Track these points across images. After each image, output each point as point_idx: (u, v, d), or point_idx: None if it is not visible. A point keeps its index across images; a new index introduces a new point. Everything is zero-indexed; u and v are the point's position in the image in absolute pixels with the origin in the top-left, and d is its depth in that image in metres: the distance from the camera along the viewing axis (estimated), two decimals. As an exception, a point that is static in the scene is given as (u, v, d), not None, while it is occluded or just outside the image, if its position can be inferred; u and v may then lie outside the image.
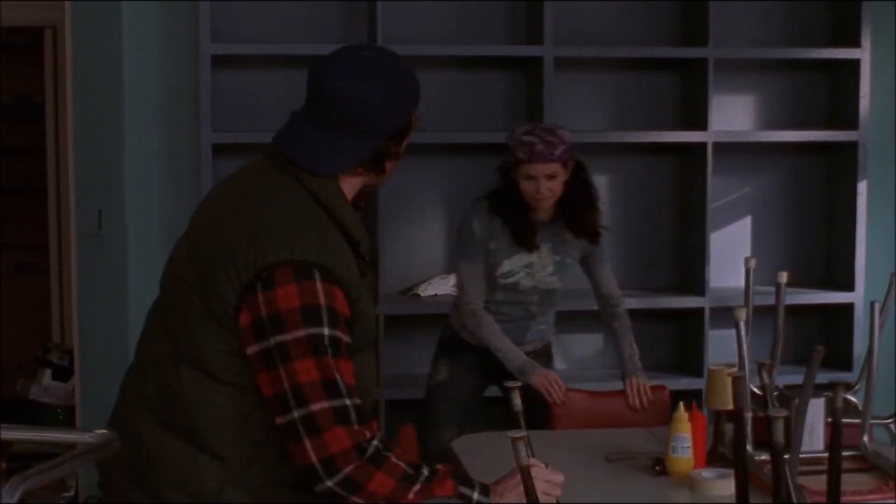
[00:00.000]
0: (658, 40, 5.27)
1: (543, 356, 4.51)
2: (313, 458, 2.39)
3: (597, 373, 5.28)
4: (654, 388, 4.51)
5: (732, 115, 5.35)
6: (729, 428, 3.61)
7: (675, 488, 3.50)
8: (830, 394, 3.87)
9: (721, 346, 5.12)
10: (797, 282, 5.45)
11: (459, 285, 4.37)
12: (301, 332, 2.40)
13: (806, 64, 5.32)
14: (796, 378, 4.84)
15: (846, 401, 3.95)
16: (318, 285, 2.42)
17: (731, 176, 5.38)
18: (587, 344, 5.39)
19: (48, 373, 6.42)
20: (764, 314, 5.20)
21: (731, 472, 3.45)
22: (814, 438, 3.70)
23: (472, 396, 4.50)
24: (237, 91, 5.09)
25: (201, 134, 4.86)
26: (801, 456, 3.56)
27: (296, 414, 2.39)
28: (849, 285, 5.31)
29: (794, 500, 3.15)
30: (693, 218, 5.24)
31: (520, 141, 4.13)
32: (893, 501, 3.34)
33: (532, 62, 5.08)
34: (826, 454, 3.65)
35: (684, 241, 5.34)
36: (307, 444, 2.39)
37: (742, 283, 4.11)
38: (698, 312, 5.18)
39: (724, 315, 4.99)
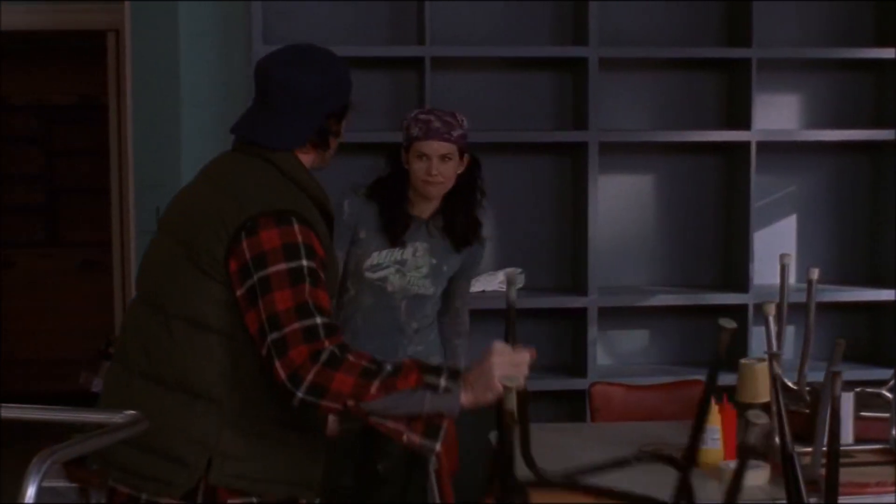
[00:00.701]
0: (702, 40, 5.33)
1: None
2: (283, 375, 2.55)
3: (640, 367, 5.34)
4: (690, 383, 4.60)
5: (777, 115, 5.40)
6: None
7: (704, 479, 3.58)
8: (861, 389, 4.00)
9: (764, 342, 5.18)
10: (842, 279, 5.52)
11: None
12: (282, 266, 2.64)
13: (850, 63, 5.35)
14: (846, 375, 4.96)
15: (880, 396, 4.01)
16: (296, 227, 2.68)
17: (776, 175, 5.42)
18: (631, 339, 5.45)
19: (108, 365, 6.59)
20: (803, 311, 5.27)
21: (760, 463, 3.55)
22: (845, 430, 3.77)
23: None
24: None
25: (254, 132, 4.99)
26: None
27: (270, 339, 2.57)
28: (893, 282, 5.34)
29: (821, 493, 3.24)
30: (737, 216, 5.30)
31: (416, 118, 4.02)
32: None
33: (577, 63, 5.17)
34: (855, 447, 3.75)
35: (728, 238, 5.39)
36: (277, 364, 2.56)
37: (789, 280, 4.17)
38: (742, 309, 5.23)
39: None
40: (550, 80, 5.33)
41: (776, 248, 5.40)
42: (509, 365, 2.62)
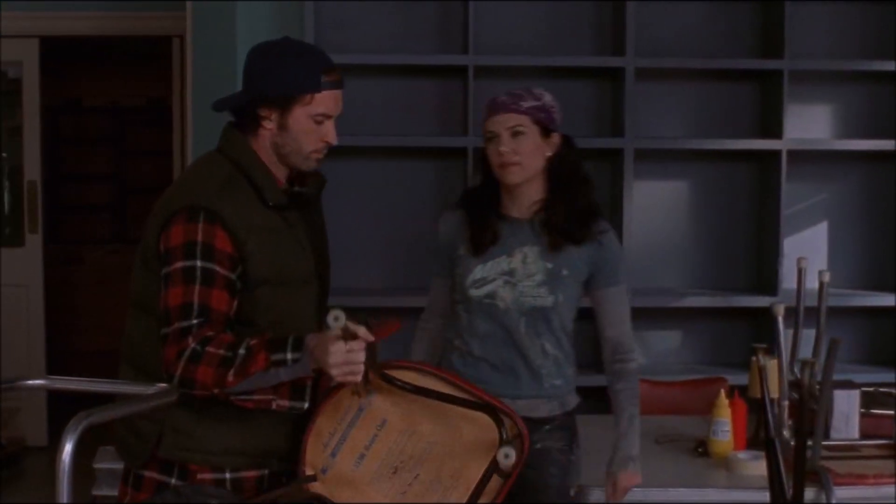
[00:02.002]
0: (736, 52, 5.49)
1: (561, 431, 3.45)
2: (163, 369, 2.74)
3: (674, 366, 5.50)
4: (713, 380, 4.76)
5: (808, 124, 5.54)
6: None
7: (714, 468, 3.79)
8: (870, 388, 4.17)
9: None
10: (873, 285, 5.66)
11: None
12: (179, 264, 2.76)
13: (881, 75, 5.49)
14: (872, 377, 5.13)
15: (890, 395, 4.18)
16: (199, 226, 2.76)
17: (808, 182, 5.57)
18: (664, 339, 5.63)
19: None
20: (835, 315, 5.43)
21: (762, 455, 3.73)
22: (849, 427, 3.94)
23: None
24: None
25: (305, 136, 5.25)
26: (834, 442, 3.85)
27: (161, 332, 2.76)
28: (923, 289, 5.48)
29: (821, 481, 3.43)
30: (768, 222, 5.46)
31: (486, 103, 3.46)
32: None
33: (615, 72, 5.37)
34: (861, 442, 3.93)
35: (759, 243, 5.55)
36: (163, 353, 2.75)
37: (815, 285, 4.28)
38: (763, 313, 5.40)
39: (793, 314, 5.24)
40: (590, 88, 5.53)
41: (807, 254, 5.56)
42: (343, 359, 2.67)
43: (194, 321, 2.72)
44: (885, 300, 5.49)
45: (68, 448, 1.98)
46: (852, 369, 5.41)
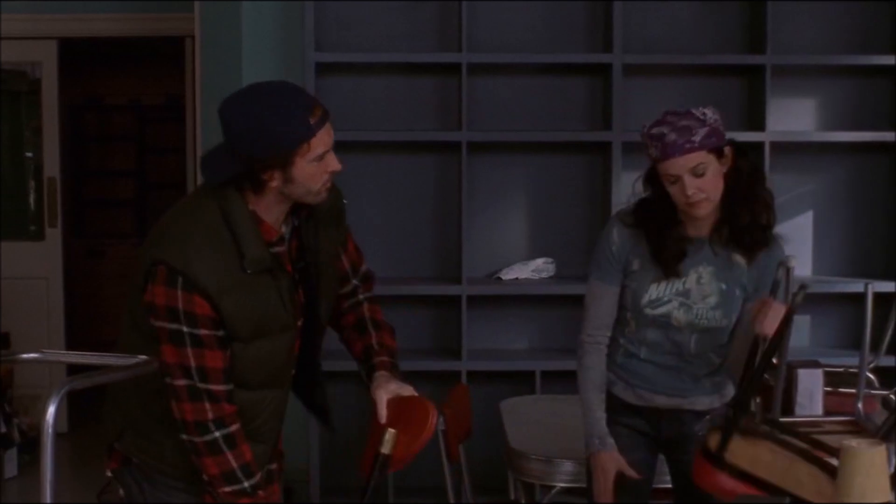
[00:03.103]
0: (723, 48, 5.69)
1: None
2: (177, 416, 2.94)
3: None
4: None
5: (793, 117, 5.73)
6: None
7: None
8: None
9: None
10: (858, 272, 5.84)
11: (584, 310, 3.58)
12: (165, 325, 2.90)
13: (863, 69, 5.67)
14: (856, 360, 5.30)
15: (854, 374, 4.35)
16: (179, 293, 2.86)
17: (793, 174, 5.76)
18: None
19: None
20: (820, 301, 5.64)
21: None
22: (813, 404, 4.13)
23: (645, 472, 3.56)
24: (340, 95, 5.67)
25: (306, 133, 5.48)
26: (799, 419, 4.02)
27: (167, 381, 2.93)
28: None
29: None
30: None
31: (649, 136, 3.32)
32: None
33: (604, 68, 5.58)
34: (824, 419, 4.11)
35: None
36: (174, 405, 2.94)
37: (799, 272, 4.49)
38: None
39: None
40: (581, 84, 5.73)
41: (795, 242, 5.78)
42: None
43: (199, 385, 2.90)
44: (869, 287, 5.66)
45: (51, 411, 2.20)
46: (837, 353, 5.62)
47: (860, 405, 4.05)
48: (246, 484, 2.96)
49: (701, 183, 3.24)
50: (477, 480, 5.37)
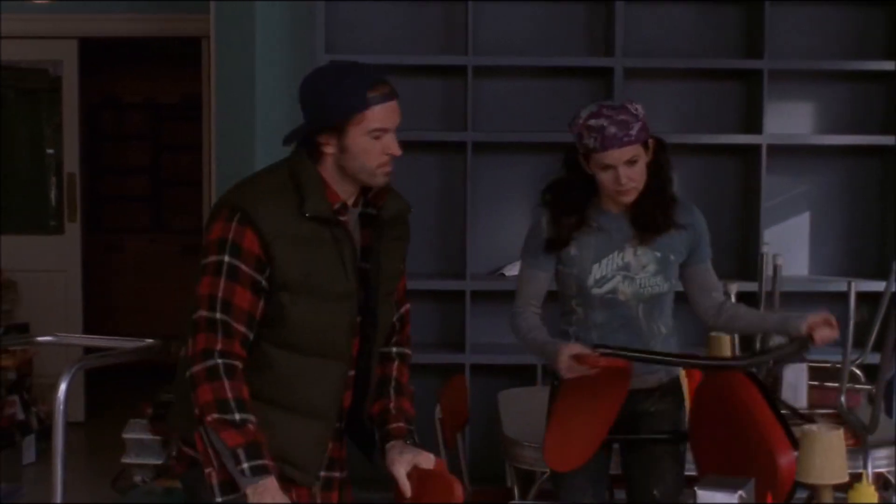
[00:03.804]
0: (721, 52, 5.86)
1: (671, 395, 3.76)
2: (189, 352, 2.89)
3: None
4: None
5: (790, 120, 5.89)
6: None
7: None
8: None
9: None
10: (853, 272, 5.98)
11: (516, 292, 3.76)
12: (212, 258, 2.92)
13: (859, 74, 5.83)
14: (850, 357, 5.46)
15: (837, 369, 4.51)
16: (233, 225, 2.91)
17: (790, 176, 5.92)
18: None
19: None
20: (817, 299, 5.79)
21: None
22: (797, 397, 4.30)
23: (602, 460, 3.71)
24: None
25: (316, 131, 5.66)
26: (784, 412, 4.19)
27: (192, 317, 2.91)
28: (898, 275, 5.80)
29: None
30: (751, 213, 5.82)
31: (587, 126, 3.51)
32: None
33: (605, 72, 5.75)
34: (808, 411, 4.28)
35: (743, 233, 5.90)
36: (189, 342, 2.90)
37: (796, 272, 4.94)
38: (753, 296, 5.73)
39: (780, 298, 5.60)
40: (583, 87, 5.90)
41: (791, 242, 5.96)
42: None
43: (218, 315, 2.86)
44: (864, 286, 5.81)
45: (63, 388, 2.38)
46: (832, 350, 5.72)
47: (843, 399, 4.24)
48: (237, 416, 2.83)
49: (632, 172, 3.48)
50: (477, 469, 5.57)
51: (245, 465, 2.80)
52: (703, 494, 2.59)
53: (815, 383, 4.51)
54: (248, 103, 5.97)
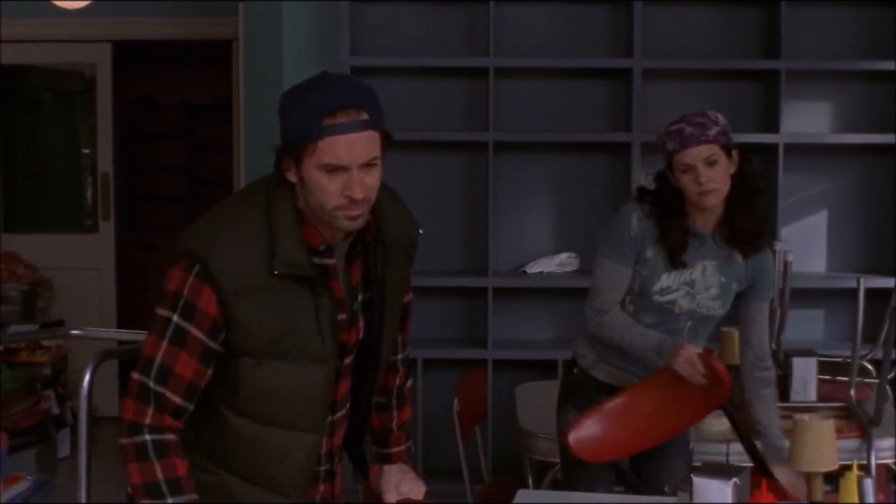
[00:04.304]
0: (738, 53, 5.96)
1: None
2: (120, 414, 2.57)
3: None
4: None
5: (807, 120, 5.99)
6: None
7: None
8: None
9: (790, 322, 5.80)
10: (870, 269, 6.07)
11: (594, 287, 3.69)
12: (163, 311, 2.55)
13: (874, 74, 5.91)
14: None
15: (847, 364, 4.61)
16: (190, 279, 2.52)
17: (808, 174, 6.02)
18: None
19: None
20: (834, 296, 5.87)
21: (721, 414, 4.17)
22: (807, 391, 4.40)
23: None
24: (374, 96, 5.98)
25: (342, 133, 5.79)
26: (794, 404, 4.30)
27: (132, 373, 2.59)
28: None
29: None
30: (768, 210, 5.90)
31: (667, 132, 3.61)
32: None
33: (625, 73, 5.85)
34: (818, 404, 4.38)
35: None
36: (123, 402, 2.59)
37: (811, 268, 5.04)
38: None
39: (796, 295, 5.69)
40: (603, 87, 6.01)
41: (809, 240, 6.05)
42: None
43: (151, 384, 2.53)
44: (881, 283, 5.89)
45: (87, 379, 2.51)
46: (848, 346, 5.83)
47: (852, 392, 4.34)
48: (169, 500, 2.51)
49: (712, 173, 3.51)
50: (500, 463, 5.70)
51: None
52: (699, 482, 2.69)
53: (827, 377, 4.62)
54: (276, 105, 6.08)
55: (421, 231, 2.86)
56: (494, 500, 4.38)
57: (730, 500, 2.66)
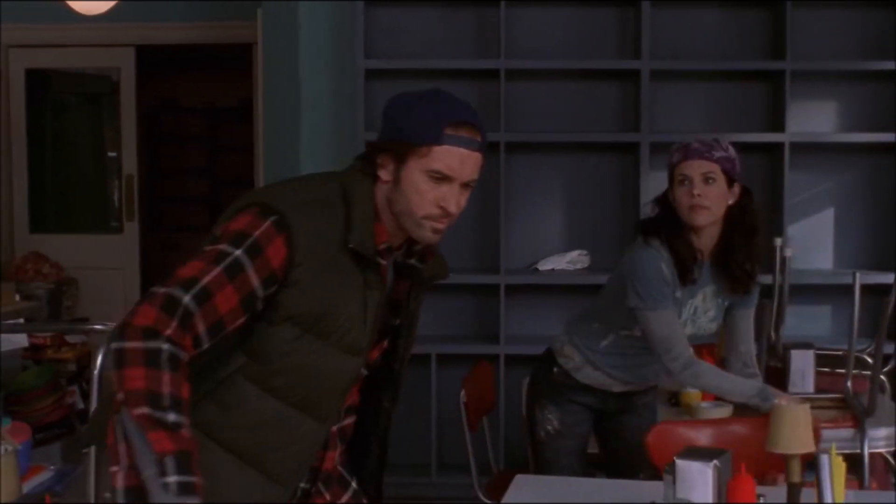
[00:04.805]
0: (744, 54, 6.07)
1: (653, 389, 4.06)
2: (129, 318, 2.32)
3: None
4: (706, 346, 5.24)
5: (813, 120, 6.10)
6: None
7: (681, 415, 4.35)
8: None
9: (797, 318, 5.93)
10: (876, 265, 6.17)
11: (663, 340, 3.63)
12: (221, 246, 2.42)
13: (878, 74, 6.00)
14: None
15: (861, 359, 4.72)
16: (266, 224, 2.43)
17: (814, 173, 6.13)
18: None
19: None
20: (841, 292, 5.97)
21: (725, 403, 4.29)
22: (805, 382, 4.51)
23: (585, 442, 3.98)
24: (388, 98, 6.11)
25: (356, 134, 5.94)
26: (792, 394, 4.40)
27: (152, 288, 2.40)
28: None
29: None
30: (775, 207, 6.01)
31: (676, 147, 3.71)
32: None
33: (633, 74, 5.98)
34: (815, 395, 4.49)
35: (768, 227, 6.07)
36: (134, 309, 2.34)
37: (818, 265, 5.20)
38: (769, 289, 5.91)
39: (803, 291, 5.80)
40: (612, 88, 6.14)
41: (816, 237, 6.16)
42: None
43: (186, 299, 2.34)
44: (887, 278, 5.98)
45: (98, 363, 2.66)
46: (843, 339, 5.93)
47: (849, 384, 4.45)
48: (170, 416, 2.26)
49: (707, 190, 3.56)
50: (511, 455, 5.83)
51: (172, 479, 2.23)
52: (681, 464, 2.82)
53: (827, 370, 4.74)
54: (294, 107, 6.24)
55: (449, 274, 2.84)
56: (503, 490, 4.48)
57: (710, 482, 2.78)
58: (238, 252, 2.39)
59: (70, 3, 6.37)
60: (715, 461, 2.80)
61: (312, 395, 2.54)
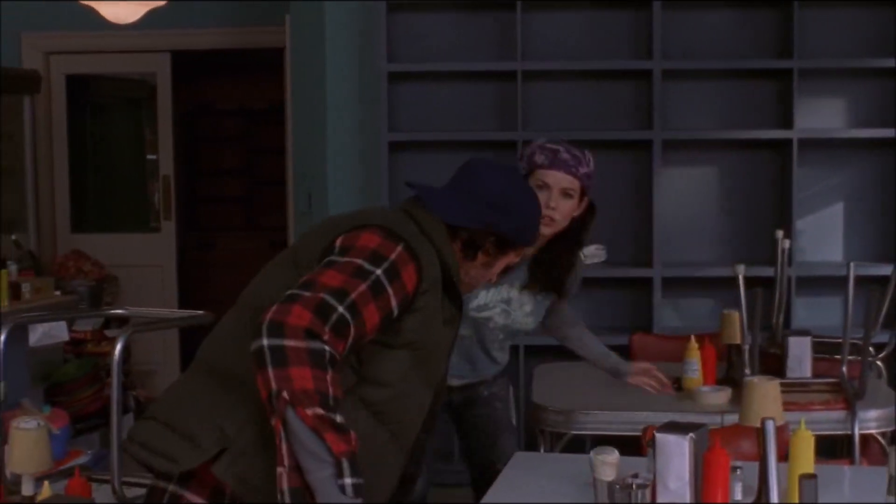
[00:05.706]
0: (753, 53, 6.26)
1: (500, 380, 4.10)
2: (280, 317, 2.28)
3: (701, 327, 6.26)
4: (711, 335, 5.43)
5: (821, 116, 6.28)
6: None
7: (682, 399, 4.54)
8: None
9: (808, 309, 6.11)
10: (884, 258, 6.33)
11: None
12: (357, 260, 2.40)
13: (884, 71, 6.17)
14: (880, 337, 5.80)
15: (838, 343, 4.88)
16: (399, 249, 2.47)
17: (823, 168, 6.31)
18: (695, 305, 6.43)
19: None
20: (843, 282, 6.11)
21: (724, 388, 4.49)
22: (802, 368, 4.69)
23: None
24: (410, 100, 6.37)
25: (380, 134, 6.18)
26: (789, 380, 4.60)
27: (292, 290, 2.34)
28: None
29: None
30: (784, 203, 6.21)
31: (541, 147, 3.70)
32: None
33: (646, 74, 6.18)
34: (812, 380, 4.67)
35: (777, 221, 6.24)
36: (281, 307, 2.30)
37: (828, 257, 5.44)
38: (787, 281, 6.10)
39: (813, 283, 5.97)
40: (626, 88, 6.34)
41: (825, 232, 6.33)
42: None
43: (341, 309, 2.33)
44: (885, 270, 6.14)
45: (119, 347, 2.87)
46: (859, 330, 6.09)
47: (844, 369, 4.63)
48: (339, 418, 2.26)
49: (562, 204, 3.64)
50: (530, 442, 6.02)
51: (349, 481, 2.24)
52: (660, 438, 3.03)
53: (826, 356, 4.90)
54: (321, 108, 6.48)
55: None
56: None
57: (687, 453, 2.99)
58: (379, 272, 2.42)
59: (101, 11, 6.62)
60: (691, 434, 3.01)
61: (403, 420, 2.60)
